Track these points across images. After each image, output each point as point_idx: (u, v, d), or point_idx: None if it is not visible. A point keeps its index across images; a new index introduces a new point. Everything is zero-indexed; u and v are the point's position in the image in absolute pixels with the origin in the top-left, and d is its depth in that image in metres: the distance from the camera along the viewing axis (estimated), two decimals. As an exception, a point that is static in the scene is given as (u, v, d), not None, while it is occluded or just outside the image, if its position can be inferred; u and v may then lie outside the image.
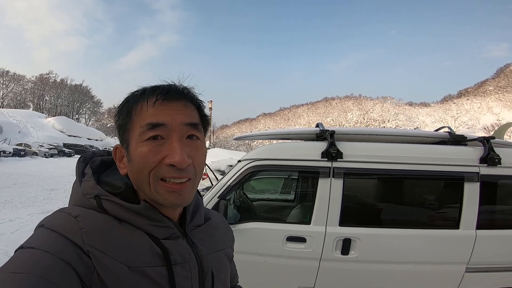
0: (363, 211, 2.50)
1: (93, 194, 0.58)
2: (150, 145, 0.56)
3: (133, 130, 0.58)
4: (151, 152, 0.56)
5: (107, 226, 0.55)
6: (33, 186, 10.20)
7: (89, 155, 0.68)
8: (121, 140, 0.61)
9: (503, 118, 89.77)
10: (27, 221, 5.78)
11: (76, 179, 0.62)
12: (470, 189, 2.22)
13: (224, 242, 0.75)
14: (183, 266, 0.59)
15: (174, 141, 0.56)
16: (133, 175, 0.59)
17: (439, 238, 2.24)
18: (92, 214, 0.56)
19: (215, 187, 2.38)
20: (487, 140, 2.31)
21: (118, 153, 0.63)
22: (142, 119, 0.57)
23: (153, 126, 0.56)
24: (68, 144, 41.28)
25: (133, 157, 0.57)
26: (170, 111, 0.58)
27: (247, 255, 2.25)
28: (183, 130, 0.58)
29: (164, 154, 0.56)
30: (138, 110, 0.58)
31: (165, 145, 0.56)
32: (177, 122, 0.57)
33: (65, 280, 0.46)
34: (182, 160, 0.55)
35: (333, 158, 2.26)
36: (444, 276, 2.24)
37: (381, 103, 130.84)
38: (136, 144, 0.57)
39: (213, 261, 0.66)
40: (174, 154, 0.55)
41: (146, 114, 0.57)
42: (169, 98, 0.58)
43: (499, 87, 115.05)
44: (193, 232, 0.66)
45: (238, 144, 63.42)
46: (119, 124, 0.61)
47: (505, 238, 2.24)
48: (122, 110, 0.61)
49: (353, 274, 2.25)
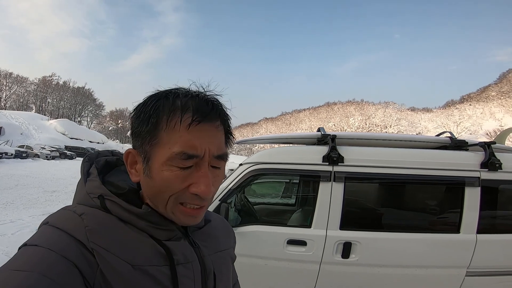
0: (363, 215, 2.51)
1: (97, 194, 0.58)
2: (178, 172, 0.54)
3: (160, 147, 0.54)
4: (178, 179, 0.54)
5: (111, 225, 0.55)
6: (34, 188, 10.21)
7: (94, 155, 0.68)
8: (138, 148, 0.57)
9: (505, 123, 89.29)
10: (28, 222, 5.79)
11: (81, 178, 0.62)
12: (471, 194, 2.23)
13: (226, 243, 0.75)
14: (186, 266, 0.59)
15: (202, 171, 0.55)
16: (149, 191, 0.57)
17: (440, 242, 2.25)
18: (97, 212, 0.56)
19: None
20: (488, 145, 2.32)
21: (130, 157, 0.60)
22: (174, 142, 0.53)
23: (188, 157, 0.53)
24: (70, 147, 41.36)
25: (155, 176, 0.55)
26: (205, 140, 0.54)
27: (248, 258, 2.25)
28: (212, 161, 0.56)
29: (190, 181, 0.54)
30: (169, 128, 0.53)
31: (193, 173, 0.54)
32: (210, 153, 0.55)
33: (68, 278, 0.46)
34: (208, 191, 0.54)
35: (334, 162, 2.27)
36: (445, 280, 2.24)
37: (383, 108, 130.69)
38: (163, 166, 0.54)
39: (215, 261, 0.66)
40: (201, 184, 0.54)
41: (179, 137, 0.53)
42: (205, 120, 0.54)
43: (502, 92, 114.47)
44: (195, 233, 0.66)
45: (239, 149, 63.62)
46: (139, 131, 0.56)
47: (506, 243, 2.25)
48: (147, 118, 0.55)
49: (353, 277, 2.25)
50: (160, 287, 0.54)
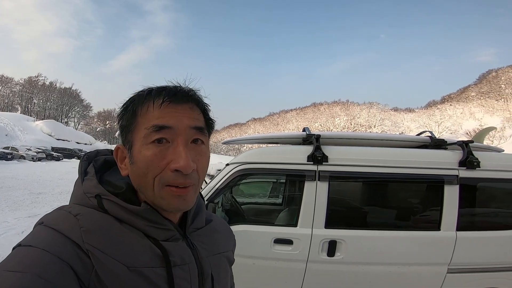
0: (348, 214, 2.55)
1: (94, 193, 0.57)
2: (155, 149, 0.55)
3: (138, 131, 0.57)
4: (156, 157, 0.55)
5: (107, 226, 0.54)
6: (20, 190, 9.98)
7: (92, 154, 0.68)
8: (124, 141, 0.60)
9: (485, 123, 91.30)
10: (14, 224, 5.68)
11: (78, 177, 0.62)
12: (450, 192, 2.30)
13: (225, 245, 0.75)
14: (182, 268, 0.58)
15: (179, 145, 0.56)
16: (135, 177, 0.58)
17: (421, 239, 2.30)
18: (93, 213, 0.55)
19: (204, 190, 2.40)
20: (466, 144, 2.39)
21: (119, 153, 0.62)
22: (148, 121, 0.56)
23: (159, 128, 0.55)
24: (57, 148, 40.60)
25: (137, 159, 0.56)
26: (176, 114, 0.57)
27: (236, 258, 2.26)
28: (188, 133, 0.57)
29: (169, 158, 0.55)
30: (144, 111, 0.57)
31: (170, 149, 0.55)
32: (183, 125, 0.57)
33: (62, 279, 0.46)
34: (187, 165, 0.54)
35: (319, 161, 2.31)
36: (427, 277, 2.29)
37: (367, 108, 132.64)
38: (141, 147, 0.56)
39: (213, 264, 0.66)
40: (179, 158, 0.54)
41: (152, 115, 0.56)
42: (175, 101, 0.57)
43: (481, 93, 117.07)
44: (193, 234, 0.66)
45: (227, 149, 63.55)
46: (122, 125, 0.60)
47: (485, 239, 2.31)
48: (126, 110, 0.59)
49: (339, 275, 2.29)
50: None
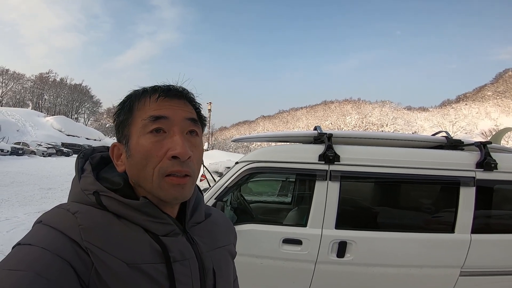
0: (359, 214, 2.50)
1: (92, 190, 0.57)
2: (152, 138, 0.57)
3: (135, 124, 0.59)
4: (154, 146, 0.57)
5: (106, 223, 0.55)
6: (30, 185, 10.16)
7: (88, 151, 0.68)
8: (120, 137, 0.62)
9: (501, 123, 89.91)
10: (24, 220, 5.77)
11: (76, 175, 0.62)
12: (466, 194, 2.23)
13: (226, 239, 0.74)
14: (183, 264, 0.58)
15: (176, 134, 0.58)
16: (133, 171, 0.59)
17: (434, 241, 2.25)
18: (91, 210, 0.55)
19: (213, 188, 2.38)
20: (483, 145, 2.32)
21: (115, 150, 0.63)
22: (144, 113, 0.59)
23: (156, 118, 0.58)
24: (67, 144, 41.29)
25: (134, 151, 0.58)
26: (172, 106, 0.60)
27: (243, 257, 2.24)
28: (184, 124, 0.60)
29: (166, 147, 0.57)
30: (141, 105, 0.60)
31: (167, 138, 0.58)
32: (179, 116, 0.59)
33: (63, 277, 0.46)
34: (184, 152, 0.56)
35: (330, 161, 2.26)
36: (439, 279, 2.24)
37: (380, 107, 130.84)
38: (138, 138, 0.58)
39: (214, 258, 0.66)
40: (177, 145, 0.56)
41: (149, 108, 0.59)
42: (170, 96, 0.60)
43: (498, 92, 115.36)
44: (193, 229, 0.66)
45: (236, 146, 63.65)
46: (119, 120, 0.62)
47: (500, 243, 2.25)
48: (123, 106, 0.62)
49: (348, 277, 2.25)
50: (156, 285, 0.54)
